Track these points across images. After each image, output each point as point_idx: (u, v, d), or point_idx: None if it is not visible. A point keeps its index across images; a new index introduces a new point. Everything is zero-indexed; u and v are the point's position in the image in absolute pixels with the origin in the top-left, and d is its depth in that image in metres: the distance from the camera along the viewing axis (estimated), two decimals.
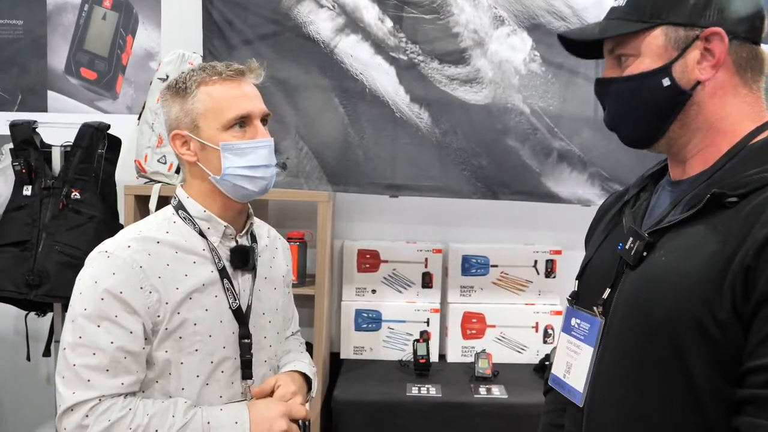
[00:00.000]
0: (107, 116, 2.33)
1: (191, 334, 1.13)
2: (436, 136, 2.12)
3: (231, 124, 1.14)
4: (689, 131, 0.85)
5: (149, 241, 1.13)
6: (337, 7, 2.12)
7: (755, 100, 0.84)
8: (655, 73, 0.83)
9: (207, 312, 1.14)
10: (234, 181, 1.15)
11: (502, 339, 2.28)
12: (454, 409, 1.94)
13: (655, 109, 0.85)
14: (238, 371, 1.18)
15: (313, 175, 2.14)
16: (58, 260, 2.01)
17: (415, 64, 2.12)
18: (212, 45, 2.12)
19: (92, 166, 2.10)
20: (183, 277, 1.13)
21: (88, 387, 1.06)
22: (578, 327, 0.93)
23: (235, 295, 1.18)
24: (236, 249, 1.20)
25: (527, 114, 2.12)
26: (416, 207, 2.33)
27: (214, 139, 1.14)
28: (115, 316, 1.07)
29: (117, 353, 1.07)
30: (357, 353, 2.28)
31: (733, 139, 0.83)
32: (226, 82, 1.15)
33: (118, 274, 1.09)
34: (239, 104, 1.14)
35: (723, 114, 0.83)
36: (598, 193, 2.13)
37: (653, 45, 0.83)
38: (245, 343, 1.18)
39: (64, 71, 2.40)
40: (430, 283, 2.30)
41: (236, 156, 1.14)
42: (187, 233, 1.17)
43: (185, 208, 1.19)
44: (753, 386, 0.71)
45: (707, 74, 0.82)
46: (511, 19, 2.11)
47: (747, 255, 0.72)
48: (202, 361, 1.14)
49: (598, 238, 0.99)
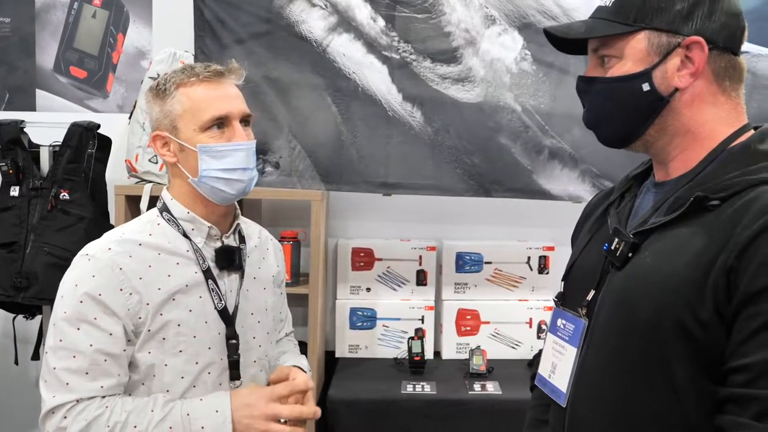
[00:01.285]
0: (97, 115, 2.31)
1: (174, 335, 1.12)
2: (429, 135, 2.13)
3: (208, 125, 1.13)
4: (666, 135, 0.87)
5: (131, 243, 1.13)
6: (329, 6, 2.12)
7: (734, 106, 0.86)
8: (636, 77, 0.84)
9: (191, 313, 1.14)
10: (211, 183, 1.14)
11: (497, 335, 2.29)
12: (449, 406, 1.95)
13: (634, 113, 0.86)
14: (226, 372, 1.17)
15: (306, 174, 2.14)
16: (47, 262, 1.99)
17: (408, 63, 2.13)
18: (204, 44, 2.11)
19: (82, 166, 2.08)
20: (166, 278, 1.13)
21: (67, 390, 1.06)
22: (563, 328, 0.94)
23: (220, 295, 1.17)
24: (221, 249, 1.19)
25: (519, 112, 2.14)
26: (410, 205, 2.33)
27: (191, 140, 1.14)
28: (94, 319, 1.07)
29: (96, 356, 1.07)
30: (352, 351, 2.28)
31: (712, 143, 0.85)
32: (204, 84, 1.14)
33: (98, 276, 1.09)
34: (216, 105, 1.13)
35: (701, 120, 0.85)
36: (589, 190, 2.15)
37: (636, 49, 0.84)
38: (232, 344, 1.17)
39: (53, 69, 2.37)
40: (424, 281, 2.30)
41: (213, 158, 1.13)
42: (171, 235, 1.17)
43: (169, 210, 1.18)
44: (735, 385, 0.73)
45: (685, 82, 0.84)
46: (502, 18, 2.13)
47: (729, 257, 0.74)
48: (186, 363, 1.14)
49: (584, 239, 1.00)
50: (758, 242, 0.72)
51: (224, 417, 1.09)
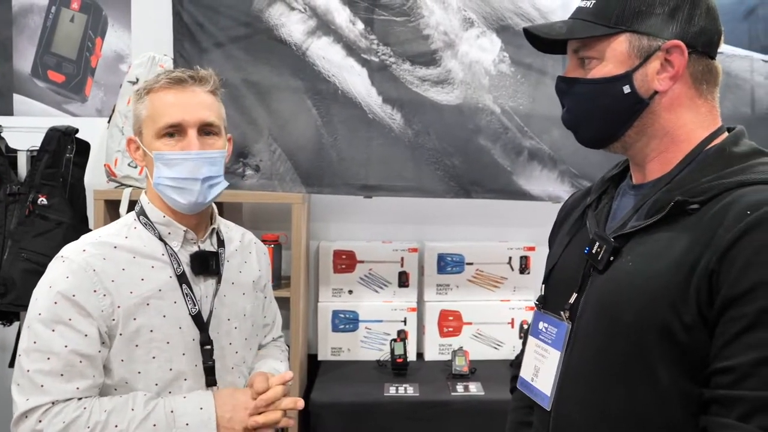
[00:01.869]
0: (76, 120, 2.29)
1: (147, 341, 1.11)
2: (409, 137, 2.14)
3: (162, 132, 1.13)
4: (645, 137, 0.87)
5: (106, 246, 1.13)
6: (308, 10, 2.13)
7: (710, 109, 0.87)
8: (617, 80, 0.85)
9: (165, 318, 1.13)
10: (164, 191, 1.15)
11: (479, 336, 2.30)
12: (432, 408, 1.95)
13: (614, 114, 0.87)
14: (202, 379, 1.16)
15: (286, 176, 2.13)
16: (25, 268, 1.97)
17: (387, 66, 2.14)
18: (183, 48, 2.10)
19: (60, 170, 2.06)
20: (139, 282, 1.12)
21: (42, 392, 1.04)
22: (546, 331, 0.95)
23: (194, 300, 1.16)
24: (196, 254, 1.19)
25: (498, 114, 2.15)
26: (391, 207, 2.34)
27: (150, 146, 1.15)
28: (69, 320, 1.07)
29: (71, 357, 1.06)
30: (334, 354, 2.28)
31: (689, 146, 0.86)
32: (166, 90, 1.14)
33: (71, 277, 1.08)
34: (170, 112, 1.13)
35: (679, 123, 0.86)
36: (568, 190, 2.17)
37: (617, 51, 0.85)
38: (206, 349, 1.16)
39: (30, 74, 2.35)
40: (406, 282, 2.31)
41: (165, 166, 1.13)
42: (146, 238, 1.16)
43: (146, 214, 1.18)
44: (720, 387, 0.73)
45: (665, 85, 0.85)
46: (480, 21, 2.15)
47: (711, 260, 0.75)
48: (159, 369, 1.13)
49: (563, 242, 1.01)
50: (738, 245, 0.73)
51: (209, 413, 1.10)
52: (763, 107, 2.13)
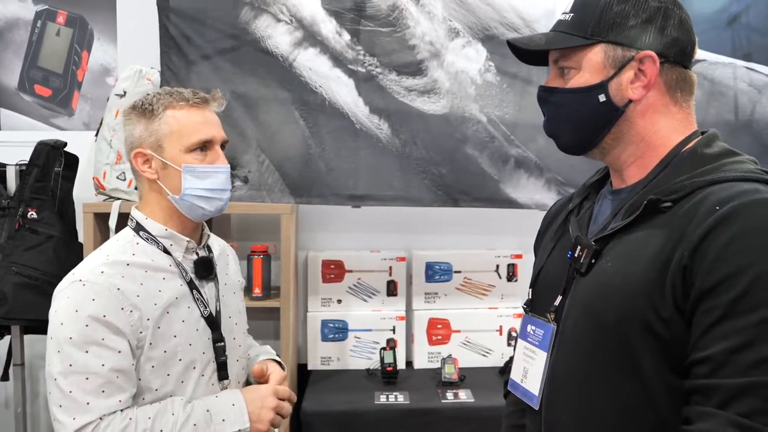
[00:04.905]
0: (63, 133, 2.30)
1: (174, 346, 1.20)
2: (396, 147, 2.16)
3: (194, 147, 1.22)
4: (622, 143, 0.91)
5: (119, 265, 1.19)
6: (294, 21, 2.14)
7: (685, 115, 0.91)
8: (593, 89, 0.88)
9: (184, 323, 1.22)
10: (192, 201, 1.23)
11: (468, 343, 2.32)
12: (422, 415, 1.96)
13: (590, 122, 0.90)
14: (215, 373, 1.27)
15: (275, 187, 2.14)
16: (16, 282, 1.97)
17: (374, 76, 2.15)
18: (170, 60, 2.11)
19: (49, 184, 2.07)
20: (158, 294, 1.20)
21: (87, 410, 1.11)
22: (533, 333, 0.98)
23: (205, 303, 1.26)
24: (200, 261, 1.28)
25: (484, 123, 2.17)
26: (379, 216, 2.35)
27: (176, 160, 1.22)
28: (102, 339, 1.13)
29: (110, 374, 1.13)
30: (324, 364, 2.29)
31: (664, 150, 0.89)
32: (192, 108, 1.23)
33: (98, 299, 1.14)
34: (203, 130, 1.23)
35: (653, 129, 0.89)
36: (555, 198, 2.18)
37: (593, 61, 0.88)
38: (219, 346, 1.27)
39: (17, 88, 2.35)
40: (394, 291, 2.32)
41: (196, 178, 1.22)
42: (151, 252, 1.23)
43: (145, 229, 1.25)
44: (698, 377, 0.76)
45: (638, 94, 0.88)
46: (465, 30, 2.17)
47: (683, 255, 0.78)
48: (186, 369, 1.22)
49: (547, 247, 1.04)
50: (708, 239, 0.76)
51: (241, 408, 1.22)
52: (746, 114, 2.15)
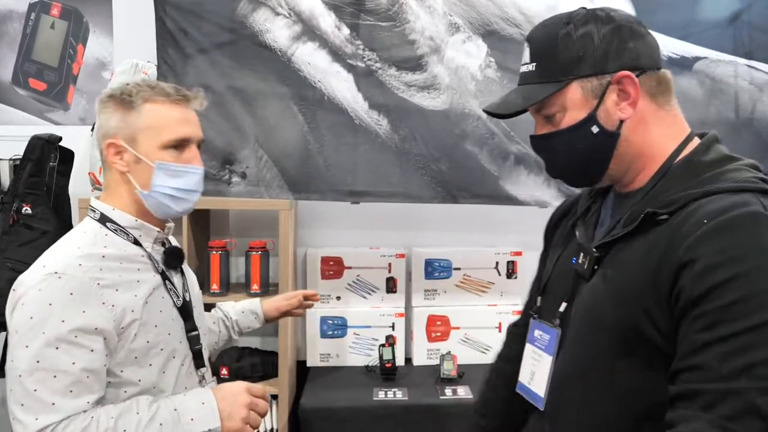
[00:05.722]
0: (59, 128, 2.27)
1: (155, 335, 1.17)
2: (396, 142, 2.14)
3: (169, 144, 1.18)
4: (625, 163, 0.92)
5: (95, 258, 1.14)
6: (293, 15, 2.12)
7: (673, 118, 0.92)
8: (584, 123, 0.90)
9: (161, 313, 1.19)
10: (160, 198, 1.19)
11: (467, 340, 2.31)
12: (420, 412, 1.96)
13: (592, 154, 0.92)
14: (192, 362, 1.25)
15: (273, 183, 2.13)
16: (10, 277, 1.93)
17: (373, 71, 2.14)
18: (166, 54, 2.09)
19: (44, 179, 2.05)
20: (136, 284, 1.17)
21: (53, 410, 1.05)
22: (540, 338, 1.00)
23: (177, 293, 1.24)
24: (170, 250, 1.25)
25: (484, 119, 2.16)
26: (378, 213, 2.34)
27: (150, 155, 1.17)
28: (75, 337, 1.07)
29: (80, 374, 1.07)
30: (323, 360, 2.28)
31: (661, 159, 0.91)
32: (172, 105, 1.19)
33: (77, 294, 1.08)
34: (181, 127, 1.19)
35: (649, 141, 0.91)
36: (555, 195, 2.18)
37: (574, 99, 0.90)
38: (194, 335, 1.25)
39: (11, 82, 2.32)
40: (394, 288, 2.31)
41: (168, 176, 1.18)
42: (122, 244, 1.19)
43: (113, 220, 1.19)
44: (683, 382, 0.78)
45: (628, 112, 0.90)
46: (466, 26, 2.15)
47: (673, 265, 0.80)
48: (167, 359, 1.20)
49: (555, 253, 1.06)
50: (696, 253, 0.78)
51: (211, 407, 1.15)
52: (747, 112, 2.15)
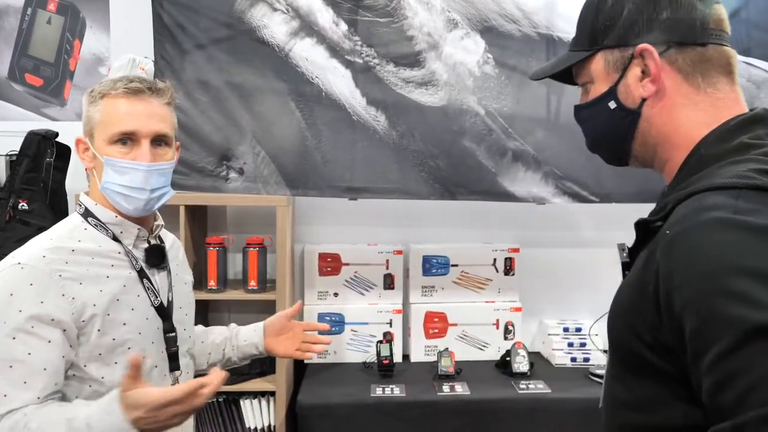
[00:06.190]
0: (55, 124, 2.26)
1: (122, 333, 1.15)
2: (394, 139, 2.14)
3: (114, 139, 1.15)
4: (649, 147, 0.85)
5: (64, 251, 1.13)
6: (291, 11, 2.11)
7: (712, 103, 0.81)
8: (603, 97, 0.85)
9: (133, 311, 1.18)
10: (111, 195, 1.18)
11: (464, 337, 2.31)
12: (418, 408, 1.96)
13: (612, 131, 0.87)
14: (166, 364, 1.23)
15: (270, 179, 2.12)
16: None
17: (371, 67, 2.13)
18: (164, 49, 2.08)
19: (40, 175, 2.04)
20: (105, 280, 1.15)
21: (4, 402, 1.04)
22: None
23: (155, 292, 1.22)
24: (151, 248, 1.24)
25: (482, 115, 2.16)
26: (376, 209, 2.34)
27: (101, 150, 1.17)
28: (32, 327, 1.06)
29: (35, 364, 1.06)
30: (321, 357, 2.27)
31: (686, 150, 0.81)
32: (124, 97, 1.16)
33: (36, 284, 1.08)
34: (125, 121, 1.15)
35: (674, 125, 0.82)
36: (552, 191, 2.18)
37: (598, 69, 0.86)
38: (170, 336, 1.23)
39: (7, 77, 2.31)
40: (391, 285, 2.31)
41: (115, 172, 1.16)
42: (100, 239, 1.18)
43: (94, 215, 1.19)
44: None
45: (648, 90, 0.82)
46: (464, 22, 2.15)
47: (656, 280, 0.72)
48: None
49: None
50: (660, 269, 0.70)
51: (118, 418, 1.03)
52: None
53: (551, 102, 2.16)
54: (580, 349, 2.28)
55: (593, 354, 2.26)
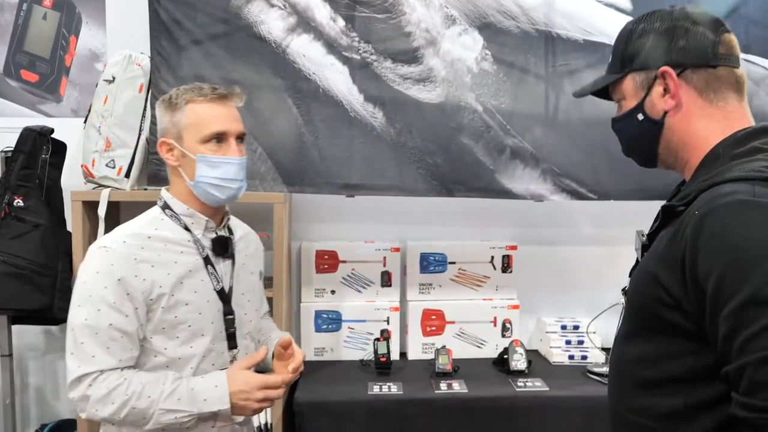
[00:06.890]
0: (51, 120, 2.25)
1: (184, 313, 1.33)
2: (391, 135, 2.13)
3: (208, 138, 1.35)
4: (672, 151, 1.05)
5: (141, 237, 1.34)
6: (288, 7, 2.10)
7: (725, 115, 1.00)
8: (633, 111, 1.06)
9: (196, 294, 1.35)
10: (205, 188, 1.36)
11: (462, 335, 2.31)
12: (415, 406, 1.95)
13: (641, 139, 1.07)
14: (224, 343, 1.40)
15: (268, 176, 2.12)
16: (2, 271, 1.93)
17: (369, 64, 2.12)
18: (160, 45, 2.07)
19: (36, 171, 2.02)
20: (173, 265, 1.34)
21: (91, 362, 1.26)
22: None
23: (218, 278, 1.39)
24: (217, 239, 1.41)
25: (480, 112, 2.15)
26: (373, 206, 2.33)
27: (193, 149, 1.35)
28: (114, 302, 1.27)
29: (115, 333, 1.27)
30: (318, 354, 2.27)
31: (703, 152, 1.00)
32: (210, 103, 1.36)
33: (116, 264, 1.28)
34: (217, 123, 1.35)
35: (692, 132, 1.01)
36: (550, 189, 2.18)
37: (628, 89, 1.06)
38: (229, 318, 1.40)
39: (2, 73, 2.29)
40: (389, 282, 2.30)
41: (209, 167, 1.35)
42: (173, 228, 1.37)
43: (171, 208, 1.39)
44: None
45: (669, 104, 1.01)
46: (462, 18, 2.14)
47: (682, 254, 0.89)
48: (193, 335, 1.35)
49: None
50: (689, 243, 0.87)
51: (223, 390, 1.31)
52: None
53: (549, 99, 2.16)
54: (578, 346, 2.28)
55: (591, 352, 2.25)
